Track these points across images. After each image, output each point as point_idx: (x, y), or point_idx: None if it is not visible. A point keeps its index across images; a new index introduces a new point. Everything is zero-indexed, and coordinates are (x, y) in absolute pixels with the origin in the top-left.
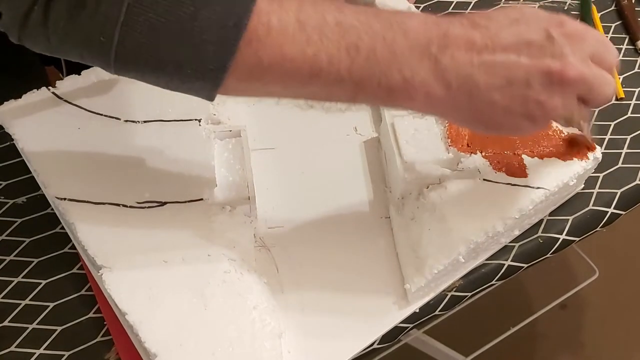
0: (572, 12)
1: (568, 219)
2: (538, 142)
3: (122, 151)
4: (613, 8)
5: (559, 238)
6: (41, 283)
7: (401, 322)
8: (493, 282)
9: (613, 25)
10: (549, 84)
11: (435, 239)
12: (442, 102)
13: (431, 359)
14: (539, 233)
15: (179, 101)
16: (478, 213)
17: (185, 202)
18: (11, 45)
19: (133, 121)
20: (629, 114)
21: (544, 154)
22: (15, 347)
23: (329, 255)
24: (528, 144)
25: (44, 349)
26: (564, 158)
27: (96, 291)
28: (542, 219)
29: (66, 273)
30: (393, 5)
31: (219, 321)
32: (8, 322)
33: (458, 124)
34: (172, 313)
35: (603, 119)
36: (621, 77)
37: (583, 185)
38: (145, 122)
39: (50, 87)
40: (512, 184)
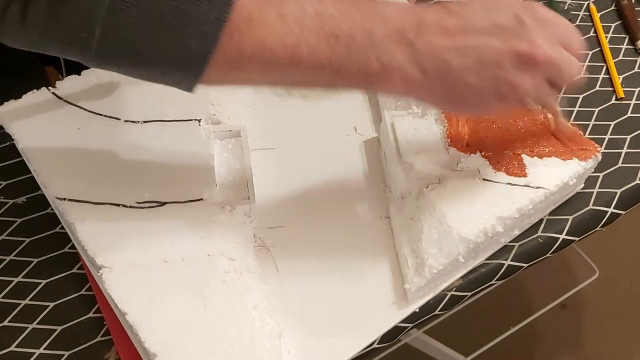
0: (573, 12)
1: (568, 219)
2: (538, 142)
3: (122, 151)
4: (613, 8)
5: (559, 238)
6: (41, 283)
7: (401, 322)
8: (493, 282)
9: (613, 25)
10: (520, 65)
11: (435, 239)
12: (418, 85)
13: (431, 359)
14: (539, 233)
15: (179, 101)
16: (478, 213)
17: (185, 202)
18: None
19: (133, 121)
20: (629, 114)
21: (544, 154)
22: (15, 347)
23: (329, 255)
24: (528, 144)
25: (44, 349)
26: (564, 157)
27: (96, 291)
28: (542, 219)
29: (66, 273)
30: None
31: (219, 321)
32: (8, 322)
33: (433, 105)
34: (172, 313)
35: (603, 119)
36: (621, 77)
37: (583, 184)
38: (145, 122)
39: (50, 88)
40: (512, 184)
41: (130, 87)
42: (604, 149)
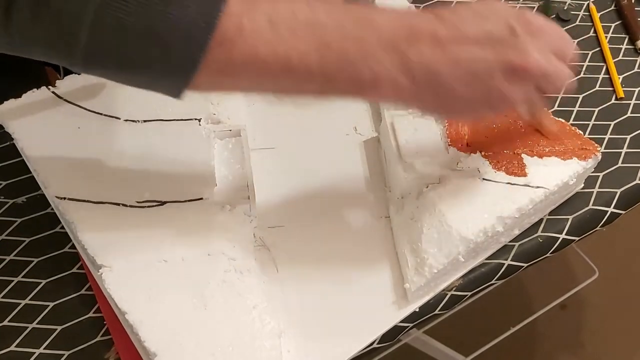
0: (572, 12)
1: (568, 219)
2: (538, 142)
3: (122, 151)
4: (613, 8)
5: (559, 237)
6: (41, 283)
7: (401, 322)
8: (493, 282)
9: (613, 25)
10: (511, 76)
11: (435, 239)
12: (409, 94)
13: (431, 359)
14: (539, 232)
15: (179, 101)
16: (478, 212)
17: (185, 202)
18: None
19: (133, 121)
20: (629, 114)
21: (544, 153)
22: (15, 347)
23: (329, 254)
24: (528, 144)
25: (44, 349)
26: (564, 157)
27: (96, 291)
28: (542, 219)
29: (66, 273)
30: (391, 4)
31: (219, 321)
32: (8, 322)
33: (424, 113)
34: (172, 313)
35: (603, 119)
36: (621, 77)
37: (583, 184)
38: (145, 122)
39: (50, 87)
40: (512, 184)
41: (130, 87)
42: (604, 149)
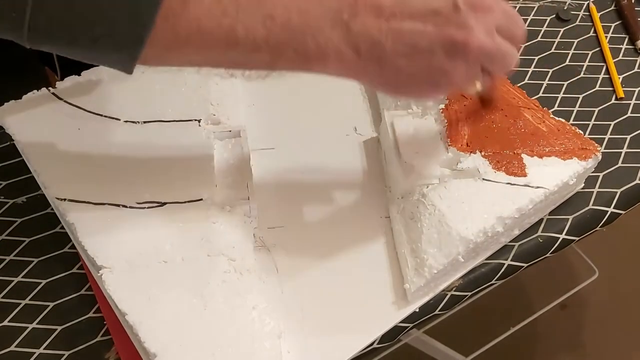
0: (573, 12)
1: (568, 219)
2: (538, 142)
3: (122, 151)
4: (613, 8)
5: (559, 237)
6: (41, 283)
7: (401, 322)
8: (493, 282)
9: (613, 25)
10: (453, 53)
11: (434, 239)
12: (354, 67)
13: (431, 359)
14: (539, 232)
15: (179, 101)
16: (478, 213)
17: (185, 202)
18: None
19: (133, 121)
20: (629, 114)
21: (544, 154)
22: (15, 347)
23: (329, 255)
24: (528, 144)
25: (44, 349)
26: (564, 157)
27: (96, 291)
28: (542, 219)
29: (66, 273)
30: None
31: (219, 321)
32: (8, 322)
33: (370, 87)
34: (172, 313)
35: (603, 119)
36: (621, 77)
37: (583, 184)
38: (145, 122)
39: (50, 88)
40: (512, 184)
41: (130, 88)
42: (604, 149)
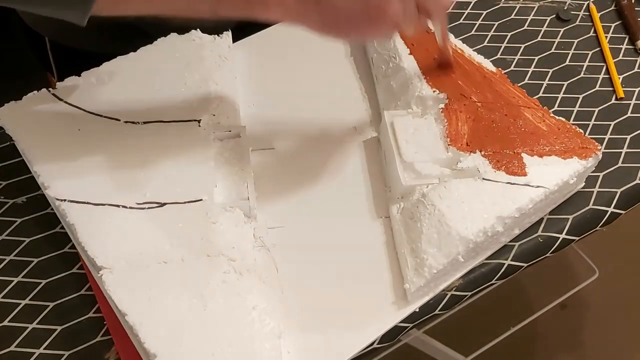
0: (573, 12)
1: (568, 218)
2: (538, 141)
3: (122, 152)
4: (613, 8)
5: (559, 237)
6: (41, 283)
7: (401, 322)
8: (493, 282)
9: (613, 25)
10: None
11: (434, 239)
12: (294, 10)
13: (431, 359)
14: (539, 232)
15: (179, 101)
16: (478, 212)
17: (184, 203)
18: (12, 47)
19: (133, 122)
20: (629, 114)
21: (544, 153)
22: (15, 347)
23: (329, 255)
24: (528, 143)
25: (44, 349)
26: (564, 156)
27: (96, 291)
28: (542, 218)
29: (66, 273)
30: None
31: (219, 321)
32: (8, 322)
33: (312, 31)
34: (172, 313)
35: (603, 119)
36: (621, 77)
37: (583, 183)
38: (145, 124)
39: (50, 89)
40: (512, 183)
41: (130, 88)
42: (604, 149)
